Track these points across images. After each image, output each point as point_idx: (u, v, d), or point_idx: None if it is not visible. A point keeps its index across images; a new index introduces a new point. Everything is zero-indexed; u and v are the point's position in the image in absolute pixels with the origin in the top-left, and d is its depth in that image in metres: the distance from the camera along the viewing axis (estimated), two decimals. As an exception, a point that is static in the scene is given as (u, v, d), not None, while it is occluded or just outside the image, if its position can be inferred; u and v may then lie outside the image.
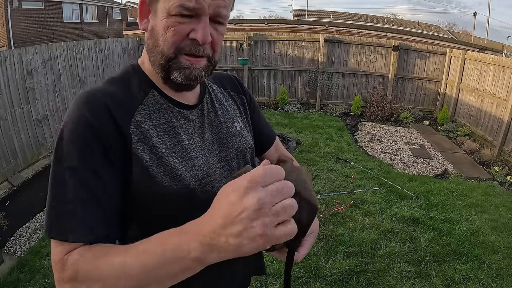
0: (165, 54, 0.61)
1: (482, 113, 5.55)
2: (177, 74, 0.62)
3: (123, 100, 0.62)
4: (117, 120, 0.59)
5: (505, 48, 9.70)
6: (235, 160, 0.75)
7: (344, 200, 3.42)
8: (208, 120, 0.73)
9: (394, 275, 2.42)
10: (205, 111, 0.73)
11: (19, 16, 14.14)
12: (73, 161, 0.55)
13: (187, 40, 0.60)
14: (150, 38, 0.63)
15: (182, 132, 0.67)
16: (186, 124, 0.68)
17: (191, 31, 0.59)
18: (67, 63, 4.71)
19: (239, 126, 0.79)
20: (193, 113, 0.71)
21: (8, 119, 3.66)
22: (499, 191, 3.89)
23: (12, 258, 2.62)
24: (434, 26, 25.72)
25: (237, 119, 0.80)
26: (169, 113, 0.66)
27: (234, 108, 0.82)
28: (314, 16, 23.71)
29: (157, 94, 0.66)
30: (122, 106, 0.61)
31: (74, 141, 0.56)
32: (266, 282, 2.33)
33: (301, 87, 7.39)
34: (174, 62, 0.61)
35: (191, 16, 0.58)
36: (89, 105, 0.58)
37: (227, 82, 0.86)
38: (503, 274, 2.46)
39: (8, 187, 3.60)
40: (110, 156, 0.58)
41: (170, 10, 0.58)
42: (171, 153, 0.63)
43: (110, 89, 0.62)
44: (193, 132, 0.69)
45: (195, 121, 0.70)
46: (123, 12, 22.40)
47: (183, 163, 0.64)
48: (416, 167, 4.55)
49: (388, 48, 6.91)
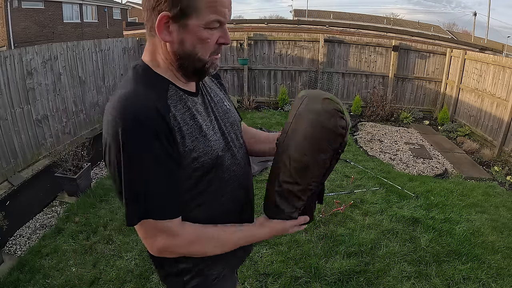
0: (203, 60, 0.78)
1: (482, 113, 5.55)
2: (211, 70, 0.81)
3: (160, 101, 0.74)
4: (165, 118, 0.72)
5: (505, 48, 9.70)
6: (231, 132, 0.93)
7: (344, 200, 3.42)
8: (208, 102, 0.89)
9: (394, 275, 2.42)
10: (204, 96, 0.90)
11: (19, 16, 14.14)
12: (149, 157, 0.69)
13: (216, 45, 0.79)
14: (180, 48, 0.76)
15: (198, 115, 0.82)
16: (198, 107, 0.84)
17: (219, 38, 0.78)
18: (67, 63, 4.71)
19: (228, 105, 0.98)
20: (198, 98, 0.87)
21: (8, 119, 3.66)
22: (499, 191, 3.89)
23: (12, 258, 2.62)
24: (434, 26, 25.71)
25: (224, 99, 0.99)
26: (187, 101, 0.81)
27: (219, 91, 1.00)
28: (314, 16, 23.71)
29: (174, 87, 0.80)
30: (162, 106, 0.73)
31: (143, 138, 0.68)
32: (266, 282, 2.34)
33: (301, 87, 7.38)
34: (208, 63, 0.79)
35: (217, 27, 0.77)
36: (138, 110, 0.70)
37: None
38: (503, 274, 2.46)
39: (8, 187, 3.60)
40: (169, 145, 0.72)
41: (208, 24, 0.74)
42: (198, 134, 0.80)
43: (146, 94, 0.74)
44: (204, 113, 0.85)
45: (201, 105, 0.87)
46: (123, 12, 22.40)
47: (209, 139, 0.82)
48: (416, 167, 4.55)
49: (388, 48, 6.91)
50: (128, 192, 0.70)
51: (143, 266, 2.48)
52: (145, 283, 2.32)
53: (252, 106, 7.06)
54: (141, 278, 2.36)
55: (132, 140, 0.68)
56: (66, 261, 2.55)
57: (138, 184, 0.70)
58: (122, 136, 0.67)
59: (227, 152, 0.87)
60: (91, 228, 2.95)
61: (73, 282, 2.33)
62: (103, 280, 2.35)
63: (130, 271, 2.42)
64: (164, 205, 0.73)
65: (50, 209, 3.38)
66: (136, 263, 2.51)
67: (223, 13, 0.75)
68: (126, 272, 2.42)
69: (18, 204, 3.36)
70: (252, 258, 2.56)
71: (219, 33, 0.77)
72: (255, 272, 2.41)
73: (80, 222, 3.04)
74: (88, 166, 3.70)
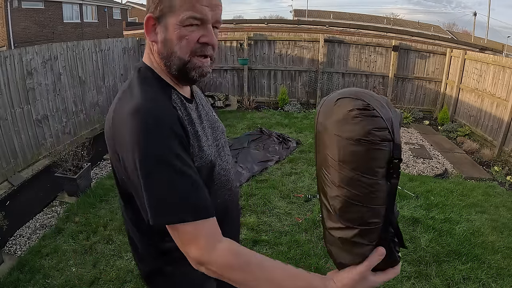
0: (182, 58, 0.76)
1: (482, 113, 5.55)
2: (194, 73, 0.78)
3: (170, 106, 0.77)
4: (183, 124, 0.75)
5: (505, 48, 9.70)
6: (221, 139, 0.94)
7: (344, 200, 3.42)
8: (201, 110, 0.90)
9: (394, 275, 2.42)
10: (198, 104, 0.90)
11: (19, 16, 14.14)
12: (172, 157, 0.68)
13: (197, 44, 0.76)
14: (163, 48, 0.77)
15: (195, 121, 0.82)
16: (193, 114, 0.84)
17: (200, 37, 0.75)
18: (67, 63, 4.71)
19: (215, 115, 0.98)
20: (193, 105, 0.87)
21: (8, 119, 3.66)
22: (499, 191, 3.89)
23: (12, 258, 2.62)
24: (434, 26, 25.72)
25: (211, 109, 0.99)
26: (186, 107, 0.82)
27: (205, 101, 1.00)
28: (314, 16, 23.71)
29: (176, 92, 0.81)
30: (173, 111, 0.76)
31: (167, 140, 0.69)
32: (266, 282, 2.33)
33: (301, 87, 7.39)
34: (189, 63, 0.77)
35: (198, 25, 0.75)
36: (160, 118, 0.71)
37: None
38: (503, 274, 2.46)
39: (8, 187, 3.60)
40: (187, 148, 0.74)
41: (183, 21, 0.73)
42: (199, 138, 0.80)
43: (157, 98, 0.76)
44: (198, 121, 0.84)
45: (195, 112, 0.86)
46: (123, 12, 22.40)
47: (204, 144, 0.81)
48: (416, 167, 4.55)
49: (388, 48, 6.91)
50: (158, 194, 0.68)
51: (143, 266, 2.47)
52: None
53: (252, 106, 7.06)
54: (141, 278, 2.36)
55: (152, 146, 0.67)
56: (66, 261, 2.55)
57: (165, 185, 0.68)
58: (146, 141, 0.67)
59: (217, 159, 0.87)
60: (91, 228, 2.95)
61: (73, 282, 2.33)
62: (103, 280, 2.34)
63: (130, 271, 2.42)
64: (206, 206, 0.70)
65: (50, 209, 3.38)
66: (136, 263, 2.51)
67: (200, 10, 0.73)
68: (126, 272, 2.42)
69: (18, 204, 3.36)
70: (252, 258, 2.56)
71: (200, 32, 0.75)
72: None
73: (80, 222, 3.04)
74: (88, 166, 3.70)
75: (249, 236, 2.81)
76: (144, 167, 0.67)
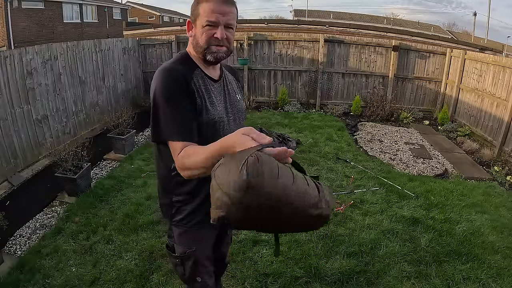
0: (203, 46, 1.18)
1: (482, 113, 5.55)
2: (209, 56, 1.20)
3: (187, 72, 1.19)
4: (188, 82, 1.16)
5: (505, 48, 9.68)
6: (237, 115, 1.33)
7: (344, 200, 3.42)
8: (226, 89, 1.31)
9: (394, 275, 2.42)
10: (223, 84, 1.31)
11: (19, 16, 14.14)
12: (175, 99, 1.12)
13: (212, 38, 1.17)
14: (194, 39, 1.21)
15: (212, 92, 1.24)
16: (214, 89, 1.25)
17: (214, 33, 1.16)
18: (67, 63, 4.71)
19: (239, 97, 1.38)
20: (217, 83, 1.28)
21: (8, 119, 3.66)
22: (499, 191, 3.88)
23: (12, 258, 2.62)
24: (434, 26, 25.71)
25: (238, 93, 1.39)
26: (206, 81, 1.23)
27: (236, 86, 1.41)
28: (314, 16, 23.70)
29: (200, 70, 1.23)
30: (188, 75, 1.18)
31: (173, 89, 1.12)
32: (266, 282, 2.34)
33: (301, 87, 7.39)
34: (207, 50, 1.18)
35: (213, 26, 1.15)
36: (173, 74, 1.15)
37: (232, 71, 1.47)
38: (503, 274, 2.46)
39: (8, 187, 3.60)
40: (190, 97, 1.15)
41: (203, 24, 1.15)
42: (208, 101, 1.20)
43: (179, 66, 1.19)
44: (218, 94, 1.26)
45: (218, 88, 1.28)
46: (123, 12, 22.39)
47: (212, 107, 1.21)
48: (416, 167, 4.55)
49: (388, 48, 6.91)
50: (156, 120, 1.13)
51: (143, 266, 2.48)
52: (145, 283, 2.32)
53: (252, 106, 7.06)
54: (141, 278, 2.36)
55: (163, 88, 1.12)
56: (66, 261, 2.55)
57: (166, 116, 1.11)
58: (158, 85, 1.12)
59: (224, 123, 1.24)
60: (91, 228, 2.95)
61: (73, 282, 2.33)
62: (103, 280, 2.34)
63: (130, 271, 2.42)
64: (177, 131, 1.10)
65: (50, 209, 3.38)
66: (136, 263, 2.51)
67: (214, 17, 1.13)
68: (126, 272, 2.42)
69: (18, 204, 3.36)
70: (252, 258, 2.57)
71: (214, 30, 1.16)
72: (255, 272, 2.41)
73: (80, 222, 3.04)
74: (88, 166, 3.70)
75: (249, 236, 2.82)
76: (152, 100, 1.13)
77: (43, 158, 4.15)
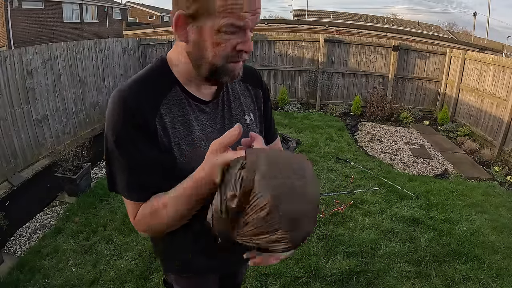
0: (215, 64, 0.72)
1: (482, 113, 5.55)
2: (226, 78, 0.75)
3: (150, 99, 0.76)
4: (149, 119, 0.74)
5: (505, 48, 9.69)
6: None
7: (344, 200, 3.42)
8: (222, 113, 0.86)
9: (394, 275, 2.42)
10: (219, 105, 0.86)
11: (19, 16, 14.14)
12: (125, 143, 0.73)
13: (233, 51, 0.71)
14: (194, 49, 0.73)
15: (196, 123, 0.80)
16: (201, 116, 0.82)
17: (237, 44, 0.70)
18: (67, 63, 4.71)
19: (249, 119, 0.91)
20: (208, 106, 0.83)
21: (8, 119, 3.66)
22: (499, 191, 3.89)
23: (12, 258, 2.62)
24: (434, 26, 25.71)
25: (249, 112, 0.92)
26: (187, 106, 0.80)
27: (249, 101, 0.93)
28: (314, 16, 23.71)
29: (179, 90, 0.79)
30: (149, 104, 0.75)
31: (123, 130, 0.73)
32: (266, 282, 2.33)
33: (301, 87, 7.39)
34: (222, 68, 0.73)
35: (236, 32, 0.69)
36: (125, 106, 0.73)
37: (248, 76, 0.92)
38: (503, 274, 2.46)
39: (8, 187, 3.60)
40: (151, 140, 0.75)
41: (220, 27, 0.67)
42: (183, 141, 0.78)
43: (142, 90, 0.76)
44: (207, 123, 0.83)
45: (210, 114, 0.84)
46: (123, 12, 22.40)
47: (190, 148, 0.79)
48: (416, 167, 4.55)
49: (388, 48, 6.91)
50: (108, 165, 0.79)
51: (143, 266, 2.48)
52: (145, 283, 2.32)
53: (252, 106, 7.05)
54: (141, 278, 2.36)
55: (111, 127, 0.74)
56: (66, 261, 2.55)
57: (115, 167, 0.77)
58: (107, 121, 0.75)
59: None
60: (91, 228, 2.95)
61: (73, 282, 2.33)
62: (103, 280, 2.34)
63: (130, 271, 2.42)
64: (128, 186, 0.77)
65: (50, 209, 3.38)
66: (136, 263, 2.51)
67: (242, 17, 0.66)
68: (126, 272, 2.42)
69: (18, 204, 3.36)
70: (252, 258, 2.56)
71: (238, 38, 0.69)
72: (255, 272, 2.41)
73: (80, 222, 3.04)
74: (88, 166, 3.70)
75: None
76: (104, 143, 0.77)
77: (43, 158, 4.14)
